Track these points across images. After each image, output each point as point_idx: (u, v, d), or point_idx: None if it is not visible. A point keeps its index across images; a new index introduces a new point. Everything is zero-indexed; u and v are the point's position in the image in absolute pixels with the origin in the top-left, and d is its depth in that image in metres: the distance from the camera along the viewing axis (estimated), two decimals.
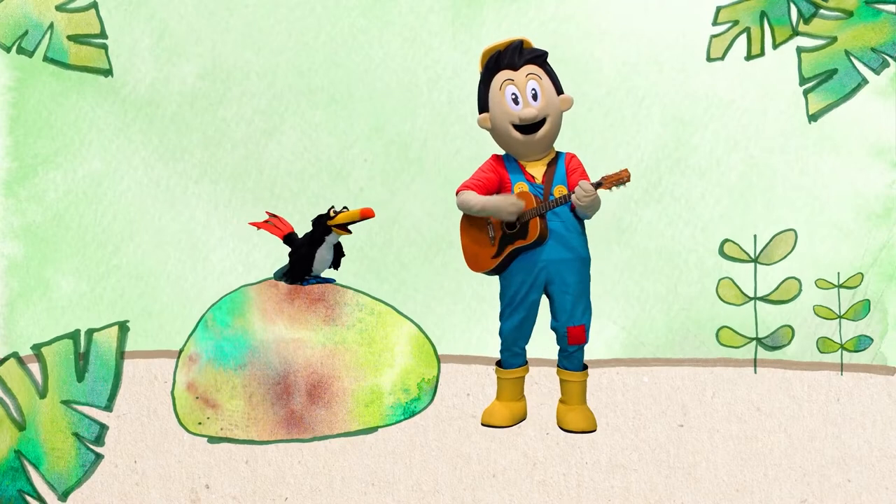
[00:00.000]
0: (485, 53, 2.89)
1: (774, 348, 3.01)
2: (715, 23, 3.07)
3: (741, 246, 3.03)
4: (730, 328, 3.02)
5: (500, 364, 2.94)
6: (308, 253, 2.98)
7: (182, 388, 2.92)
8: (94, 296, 3.08)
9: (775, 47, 3.06)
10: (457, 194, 2.88)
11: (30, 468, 2.91)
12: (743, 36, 3.06)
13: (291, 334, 2.92)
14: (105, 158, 3.12)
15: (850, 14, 3.04)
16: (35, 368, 2.95)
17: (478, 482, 2.84)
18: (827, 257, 3.01)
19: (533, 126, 2.84)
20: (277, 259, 3.03)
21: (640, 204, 3.07)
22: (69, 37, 3.11)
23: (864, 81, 3.04)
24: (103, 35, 3.13)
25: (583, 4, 3.12)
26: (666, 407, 2.94)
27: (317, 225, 2.99)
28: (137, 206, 3.11)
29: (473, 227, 2.92)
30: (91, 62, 3.12)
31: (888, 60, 3.03)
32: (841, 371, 2.98)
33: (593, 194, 2.73)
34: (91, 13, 3.13)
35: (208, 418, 2.90)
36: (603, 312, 3.01)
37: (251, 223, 3.06)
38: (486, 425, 2.93)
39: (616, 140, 3.08)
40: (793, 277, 3.01)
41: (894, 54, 3.03)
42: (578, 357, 2.89)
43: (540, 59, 2.88)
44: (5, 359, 2.97)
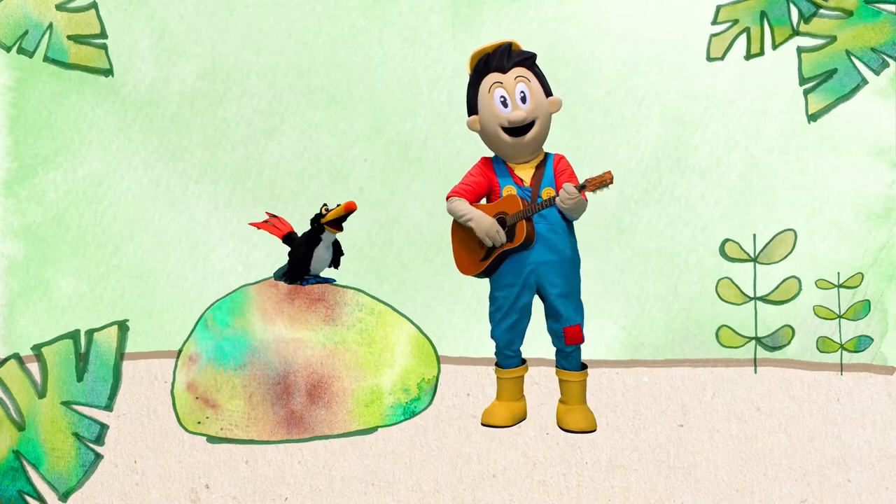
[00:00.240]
0: (473, 56, 2.89)
1: (774, 348, 3.01)
2: (715, 22, 3.07)
3: (741, 246, 3.02)
4: (730, 328, 3.02)
5: (499, 364, 2.94)
6: (306, 252, 2.97)
7: (182, 388, 2.92)
8: (94, 296, 3.08)
9: (775, 47, 3.06)
10: (447, 200, 2.89)
11: (30, 468, 2.91)
12: (743, 36, 3.06)
13: (291, 334, 2.92)
14: (105, 158, 3.12)
15: (850, 14, 3.04)
16: (35, 368, 2.95)
17: (478, 482, 2.84)
18: (827, 257, 3.01)
19: (522, 128, 2.84)
20: (277, 259, 3.03)
21: (640, 204, 3.07)
22: (69, 37, 3.11)
23: (864, 81, 3.03)
24: (103, 35, 3.13)
25: (583, 4, 3.12)
26: (666, 407, 2.94)
27: (313, 224, 2.99)
28: (137, 206, 3.11)
29: (462, 231, 2.92)
30: (91, 62, 3.12)
31: (888, 60, 3.03)
32: (841, 371, 2.98)
33: (577, 197, 2.74)
34: (91, 13, 3.13)
35: (208, 418, 2.90)
36: (603, 312, 3.01)
37: (251, 223, 3.06)
38: (486, 425, 2.93)
39: (616, 140, 3.08)
40: (793, 277, 3.01)
41: (894, 54, 3.03)
42: (576, 357, 2.89)
43: (529, 62, 2.87)
44: (5, 360, 2.97)
